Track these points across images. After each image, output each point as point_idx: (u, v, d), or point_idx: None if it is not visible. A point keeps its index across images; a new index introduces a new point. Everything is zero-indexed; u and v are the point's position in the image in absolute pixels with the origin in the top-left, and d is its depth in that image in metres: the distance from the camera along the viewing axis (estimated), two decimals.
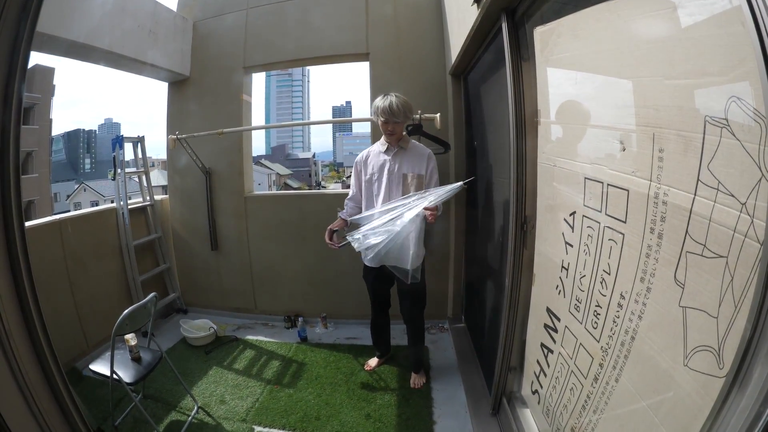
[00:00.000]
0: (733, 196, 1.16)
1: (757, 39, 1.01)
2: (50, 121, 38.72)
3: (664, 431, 1.46)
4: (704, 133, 1.24)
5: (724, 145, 1.18)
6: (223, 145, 5.81)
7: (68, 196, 56.51)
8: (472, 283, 5.16)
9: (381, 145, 4.20)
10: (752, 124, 1.08)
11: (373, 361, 4.81)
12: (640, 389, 1.63)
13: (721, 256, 1.20)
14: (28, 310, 1.57)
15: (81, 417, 1.79)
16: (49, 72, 38.64)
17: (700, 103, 1.26)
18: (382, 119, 3.98)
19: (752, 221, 1.09)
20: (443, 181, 4.59)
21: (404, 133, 4.16)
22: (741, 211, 1.13)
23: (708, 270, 1.26)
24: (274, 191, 37.88)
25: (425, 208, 3.60)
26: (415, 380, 4.46)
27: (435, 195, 3.67)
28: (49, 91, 38.53)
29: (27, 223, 1.95)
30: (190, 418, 3.98)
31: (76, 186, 60.04)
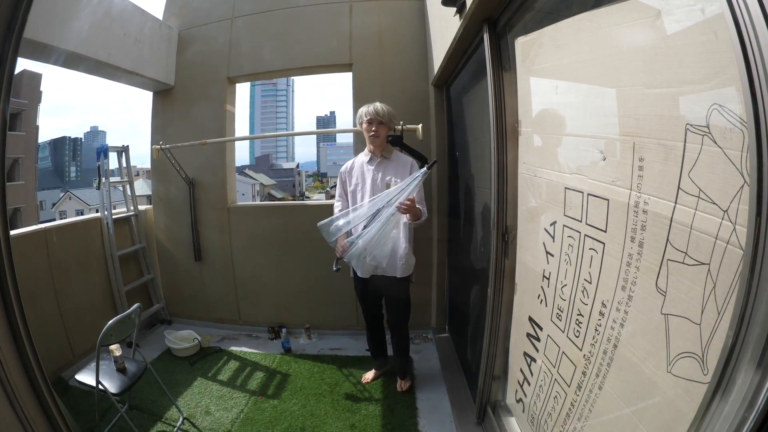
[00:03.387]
0: (714, 203, 1.16)
1: (739, 45, 1.01)
2: (37, 127, 38.54)
3: None
4: (685, 142, 1.25)
5: (705, 152, 1.18)
6: (206, 156, 5.79)
7: (54, 204, 56.36)
8: (455, 293, 5.18)
9: (365, 155, 4.21)
10: (734, 131, 1.08)
11: (370, 374, 4.79)
12: (624, 396, 1.63)
13: (703, 264, 1.21)
14: (14, 319, 1.55)
15: (68, 427, 1.77)
16: (36, 78, 38.44)
17: (681, 111, 1.27)
18: (366, 119, 4.04)
19: (734, 228, 1.10)
20: (426, 193, 4.63)
21: (387, 142, 4.17)
22: (723, 219, 1.13)
23: (690, 277, 1.26)
24: (257, 202, 37.76)
25: (399, 204, 3.61)
26: (401, 384, 4.51)
27: (400, 189, 3.69)
28: (36, 97, 38.32)
29: (13, 232, 1.93)
30: (175, 429, 3.97)
31: (62, 194, 59.88)
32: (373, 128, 4.03)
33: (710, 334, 1.18)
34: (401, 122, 4.47)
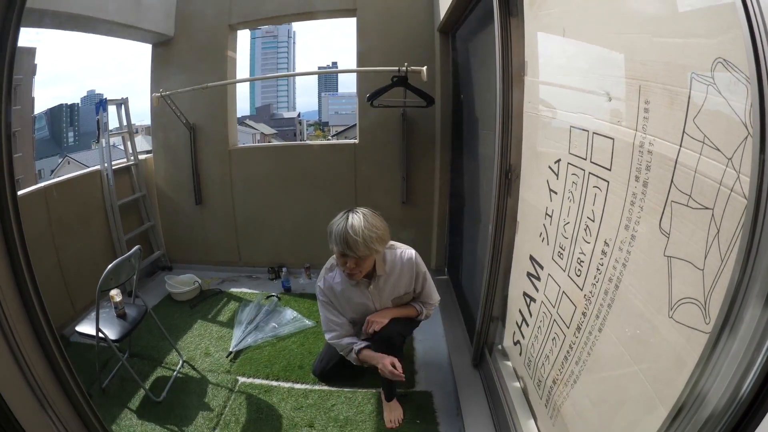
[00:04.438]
0: (719, 150, 1.15)
1: (743, 9, 1.01)
2: (32, 99, 38.80)
3: (647, 384, 1.47)
4: (690, 89, 1.23)
5: (710, 101, 1.17)
6: (207, 101, 5.72)
7: (52, 171, 55.99)
8: (456, 235, 5.23)
9: (345, 278, 3.28)
10: (738, 84, 1.07)
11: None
12: (624, 340, 1.64)
13: (707, 208, 1.20)
14: (20, 273, 1.56)
15: (75, 379, 1.80)
16: (30, 52, 38.92)
17: (686, 61, 1.25)
18: (338, 252, 3.05)
19: (738, 176, 1.09)
20: (429, 136, 4.59)
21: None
22: (727, 166, 1.12)
23: (694, 221, 1.26)
24: (258, 143, 37.65)
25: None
26: (391, 415, 3.50)
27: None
28: (31, 70, 38.61)
29: None
30: (175, 372, 4.02)
31: (60, 160, 59.33)
32: (350, 266, 3.07)
33: (713, 281, 1.17)
34: (405, 63, 4.42)
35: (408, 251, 3.39)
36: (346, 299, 3.37)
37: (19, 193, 4.44)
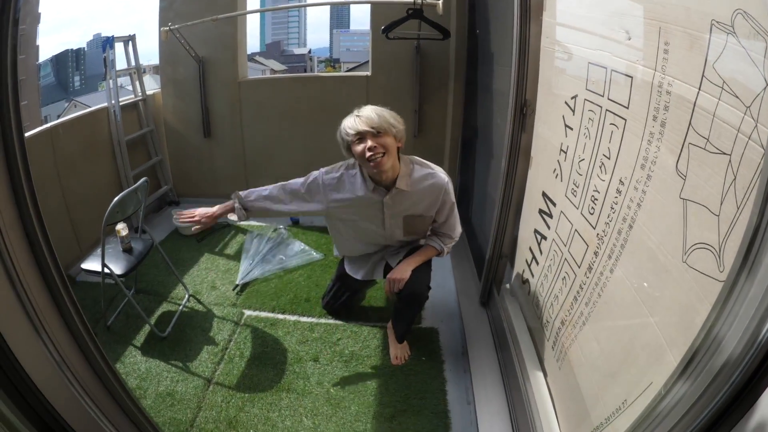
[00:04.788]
0: (737, 97, 1.13)
1: None
2: (37, 47, 39.12)
3: (658, 329, 1.47)
4: (710, 34, 1.21)
5: (729, 49, 1.15)
6: (217, 35, 5.61)
7: (58, 116, 55.83)
8: (467, 171, 5.22)
9: (364, 182, 2.99)
10: (758, 37, 1.05)
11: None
12: (635, 282, 1.63)
13: (725, 153, 1.18)
14: (26, 210, 1.53)
15: (81, 317, 1.79)
16: (33, 1, 38.95)
17: (706, 8, 1.23)
18: (353, 136, 2.74)
19: (756, 125, 1.07)
20: (443, 71, 4.50)
21: (402, 161, 2.93)
22: (745, 114, 1.10)
23: (711, 165, 1.24)
24: (268, 75, 37.77)
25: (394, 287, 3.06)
26: (397, 351, 3.46)
27: None
28: (35, 19, 38.86)
29: None
30: (180, 307, 4.03)
31: (66, 104, 59.00)
32: (371, 145, 2.67)
33: (728, 228, 1.16)
34: None
35: (442, 176, 2.98)
36: (357, 199, 3.02)
37: (27, 134, 4.42)
